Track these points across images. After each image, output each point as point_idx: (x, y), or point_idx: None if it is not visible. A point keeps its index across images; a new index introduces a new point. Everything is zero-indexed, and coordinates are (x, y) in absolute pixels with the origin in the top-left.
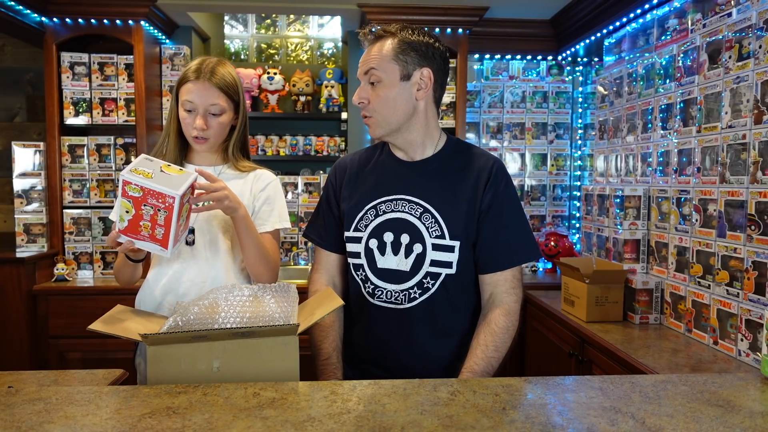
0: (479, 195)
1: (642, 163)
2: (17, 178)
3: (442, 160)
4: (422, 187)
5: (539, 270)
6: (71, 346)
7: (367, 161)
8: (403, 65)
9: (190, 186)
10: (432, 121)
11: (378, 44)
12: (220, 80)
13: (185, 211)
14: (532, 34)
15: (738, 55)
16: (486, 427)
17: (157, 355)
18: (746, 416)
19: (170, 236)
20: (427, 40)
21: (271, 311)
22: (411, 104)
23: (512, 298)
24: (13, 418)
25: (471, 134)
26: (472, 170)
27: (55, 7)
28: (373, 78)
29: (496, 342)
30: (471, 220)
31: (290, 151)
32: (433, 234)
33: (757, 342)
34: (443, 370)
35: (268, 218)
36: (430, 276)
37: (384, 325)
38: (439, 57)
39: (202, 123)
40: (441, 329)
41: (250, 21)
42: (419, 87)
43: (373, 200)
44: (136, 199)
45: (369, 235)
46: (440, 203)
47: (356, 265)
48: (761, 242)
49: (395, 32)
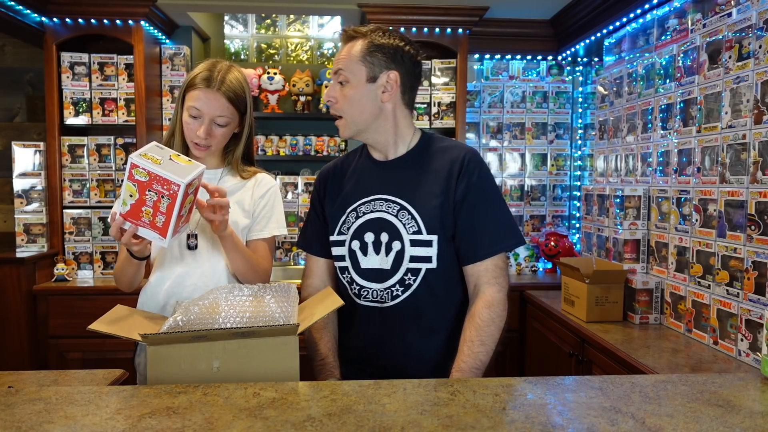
0: (452, 187)
1: (642, 163)
2: (17, 178)
3: (415, 157)
4: (397, 185)
5: (539, 270)
6: (71, 346)
7: (348, 166)
8: (370, 67)
9: (196, 177)
10: (402, 122)
11: (349, 45)
12: (228, 90)
13: (188, 203)
14: (532, 34)
15: (738, 55)
16: (486, 427)
17: (157, 355)
18: (746, 416)
19: (170, 225)
20: (396, 43)
21: (272, 311)
22: (377, 106)
23: (495, 288)
24: (13, 418)
25: (471, 134)
26: (445, 163)
27: (55, 7)
28: (341, 78)
29: (482, 336)
30: (446, 213)
31: (290, 151)
32: (410, 230)
33: (757, 342)
34: (434, 367)
35: (266, 225)
36: (411, 272)
37: (372, 324)
38: (409, 60)
39: (206, 132)
40: (427, 326)
41: (250, 21)
42: (384, 89)
43: (353, 203)
44: (141, 183)
45: (351, 237)
46: (415, 199)
47: (342, 268)
48: (761, 242)
49: (366, 33)
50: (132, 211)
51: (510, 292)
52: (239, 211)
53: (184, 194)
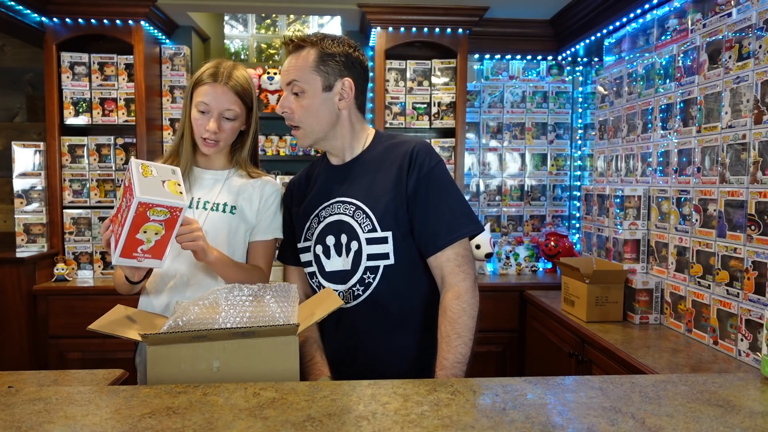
0: (404, 180)
1: (642, 163)
2: (17, 178)
3: (368, 156)
4: (352, 185)
5: (539, 270)
6: (71, 346)
7: (311, 174)
8: (325, 76)
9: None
10: (357, 125)
11: (298, 54)
12: (236, 84)
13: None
14: (532, 34)
15: (738, 55)
16: (486, 427)
17: (157, 355)
18: (746, 416)
19: (167, 248)
20: (346, 50)
21: (272, 311)
22: (334, 113)
23: (460, 277)
24: (13, 418)
25: (471, 134)
26: (395, 158)
27: (55, 7)
28: (296, 89)
29: (457, 329)
30: (400, 208)
31: (290, 151)
32: (365, 229)
33: (757, 342)
34: (411, 363)
35: (267, 227)
36: (370, 270)
37: (342, 326)
38: (360, 66)
39: (215, 126)
40: (392, 322)
41: (250, 21)
42: (341, 97)
43: (315, 209)
44: (165, 221)
45: (315, 242)
46: (368, 198)
47: (310, 273)
48: (761, 242)
49: (316, 42)
50: (127, 247)
51: (510, 292)
52: (247, 209)
53: (135, 212)
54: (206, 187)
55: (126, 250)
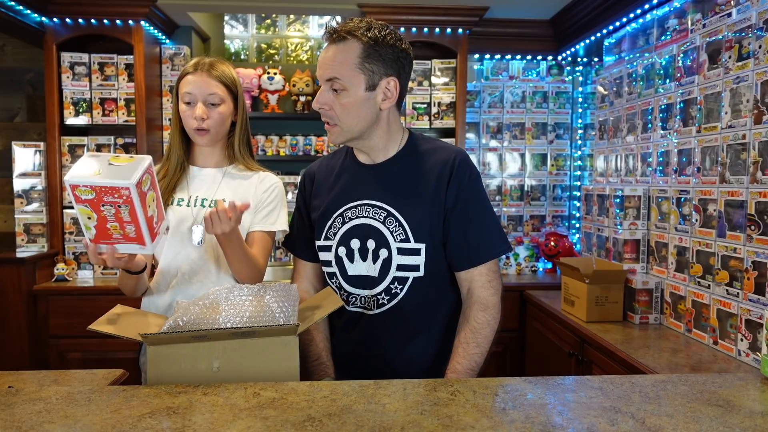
0: (443, 192)
1: (642, 163)
2: (17, 178)
3: (403, 160)
4: (384, 190)
5: (539, 270)
6: (71, 346)
7: (334, 168)
8: (369, 75)
9: (145, 171)
10: (394, 125)
11: (342, 46)
12: (217, 71)
13: (151, 200)
14: (532, 34)
15: (738, 55)
16: (486, 427)
17: (157, 354)
18: (746, 416)
19: (143, 231)
20: (394, 43)
21: (272, 311)
22: (374, 114)
23: (489, 291)
24: (13, 418)
25: (471, 134)
26: (434, 166)
27: (55, 7)
28: (336, 86)
29: (477, 339)
30: (436, 220)
31: (290, 151)
32: (397, 238)
33: (757, 342)
34: (426, 371)
35: (265, 217)
36: (398, 281)
37: (359, 330)
38: (406, 61)
39: (202, 112)
40: (412, 333)
41: (250, 21)
42: (384, 97)
43: (339, 208)
44: (92, 201)
45: (338, 243)
46: (403, 205)
47: (330, 274)
48: (761, 242)
49: (360, 34)
50: (100, 233)
51: (510, 292)
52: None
53: (139, 194)
54: (205, 185)
55: (151, 232)
